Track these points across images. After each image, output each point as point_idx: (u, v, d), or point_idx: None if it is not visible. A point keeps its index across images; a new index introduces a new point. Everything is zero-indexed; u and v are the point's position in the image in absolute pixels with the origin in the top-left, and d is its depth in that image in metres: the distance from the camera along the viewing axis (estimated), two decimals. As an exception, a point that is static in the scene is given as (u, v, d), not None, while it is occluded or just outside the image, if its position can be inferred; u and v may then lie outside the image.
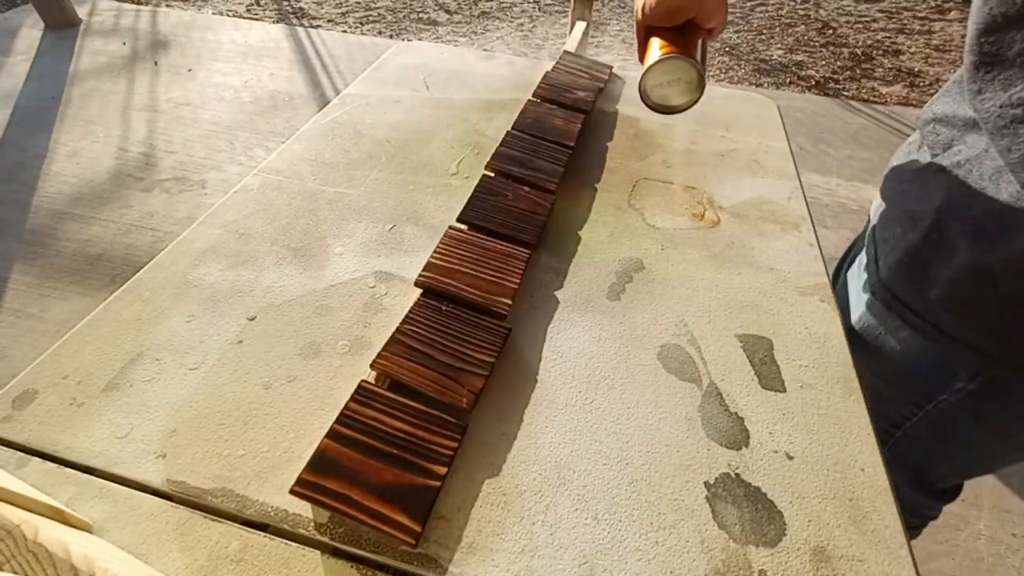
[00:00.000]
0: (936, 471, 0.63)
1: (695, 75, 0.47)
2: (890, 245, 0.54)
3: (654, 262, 0.56)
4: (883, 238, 0.56)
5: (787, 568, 0.35)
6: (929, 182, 0.50)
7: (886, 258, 0.55)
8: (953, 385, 0.52)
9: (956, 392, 0.52)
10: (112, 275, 1.56)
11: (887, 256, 0.55)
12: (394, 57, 0.93)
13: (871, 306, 0.57)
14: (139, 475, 0.37)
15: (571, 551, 0.35)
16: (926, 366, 0.53)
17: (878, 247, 0.57)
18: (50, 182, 1.86)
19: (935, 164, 0.50)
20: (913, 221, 0.51)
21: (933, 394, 0.54)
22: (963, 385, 0.51)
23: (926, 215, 0.49)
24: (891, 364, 0.56)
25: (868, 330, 0.58)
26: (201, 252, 0.54)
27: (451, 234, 0.54)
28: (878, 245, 0.57)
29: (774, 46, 3.26)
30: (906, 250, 0.52)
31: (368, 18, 3.34)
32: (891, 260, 0.54)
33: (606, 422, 0.42)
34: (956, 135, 0.48)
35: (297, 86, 2.48)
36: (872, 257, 0.58)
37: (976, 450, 0.58)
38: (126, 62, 2.58)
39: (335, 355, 0.46)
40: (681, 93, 0.49)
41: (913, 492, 0.65)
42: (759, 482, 0.39)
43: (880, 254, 0.56)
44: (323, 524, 0.35)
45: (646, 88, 0.49)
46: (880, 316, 0.56)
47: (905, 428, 0.59)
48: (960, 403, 0.52)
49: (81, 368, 0.44)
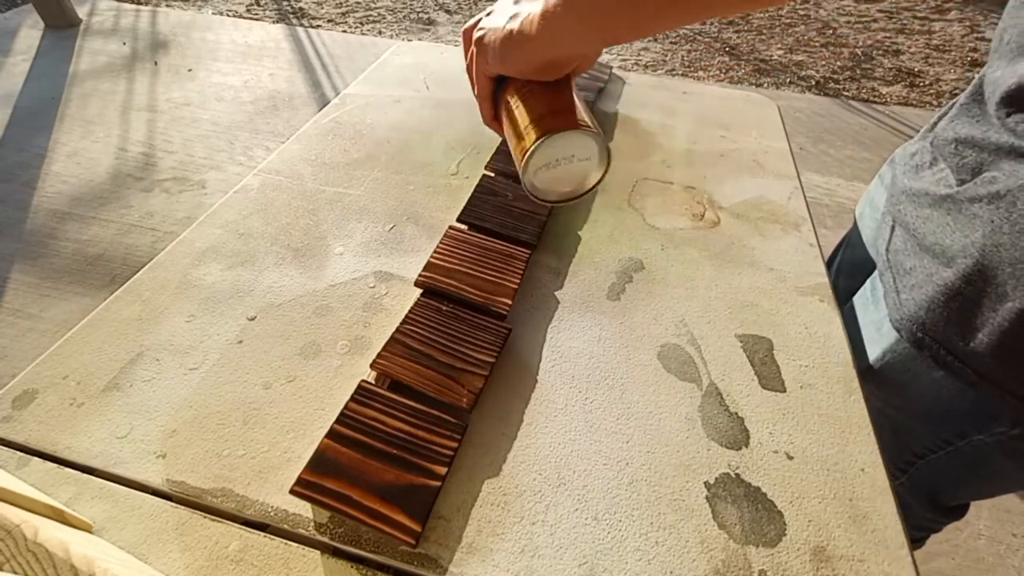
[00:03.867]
0: (954, 496, 0.61)
1: (595, 147, 0.35)
2: (916, 279, 0.49)
3: (654, 262, 0.56)
4: (904, 268, 0.51)
5: (787, 568, 0.35)
6: (962, 213, 0.45)
7: (912, 293, 0.49)
8: (993, 428, 0.48)
9: (996, 435, 0.48)
10: (112, 275, 1.56)
11: (914, 291, 0.49)
12: (394, 57, 0.93)
13: (897, 345, 0.51)
14: (139, 475, 0.37)
15: (571, 551, 0.35)
16: (962, 408, 0.50)
17: (897, 277, 0.52)
18: (50, 182, 1.87)
19: (966, 193, 0.45)
20: (946, 257, 0.46)
21: (967, 433, 0.51)
22: (1005, 430, 0.47)
23: (964, 253, 0.44)
24: (919, 403, 0.53)
25: (892, 368, 0.53)
26: (201, 252, 0.54)
27: (451, 234, 0.54)
28: (896, 275, 0.52)
29: (774, 46, 3.26)
30: (942, 290, 0.46)
31: (368, 18, 3.34)
32: (920, 297, 0.48)
33: (606, 422, 0.42)
34: (986, 159, 0.45)
35: (297, 86, 2.48)
36: (891, 287, 0.53)
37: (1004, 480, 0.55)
38: (126, 62, 2.58)
39: (335, 355, 0.46)
40: (577, 175, 0.36)
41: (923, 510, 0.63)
42: (759, 482, 0.39)
43: (901, 286, 0.51)
44: (323, 524, 0.35)
45: (532, 182, 0.36)
46: (908, 355, 0.51)
47: (929, 459, 0.56)
48: (998, 444, 0.49)
49: (81, 368, 0.44)
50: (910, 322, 0.49)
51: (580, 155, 0.35)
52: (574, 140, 0.34)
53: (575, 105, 0.35)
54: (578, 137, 0.34)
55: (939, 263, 0.47)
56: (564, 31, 0.32)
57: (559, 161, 0.35)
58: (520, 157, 0.35)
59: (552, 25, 0.32)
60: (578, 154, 0.35)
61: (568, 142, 0.34)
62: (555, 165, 0.35)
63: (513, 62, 0.36)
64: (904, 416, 0.54)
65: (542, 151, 0.33)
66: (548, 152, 0.34)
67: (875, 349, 0.54)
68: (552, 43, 0.33)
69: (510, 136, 0.37)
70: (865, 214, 0.70)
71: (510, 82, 0.38)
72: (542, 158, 0.34)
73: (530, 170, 0.34)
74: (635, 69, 2.94)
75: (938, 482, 0.59)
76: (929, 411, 0.52)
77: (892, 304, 0.52)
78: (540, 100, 0.35)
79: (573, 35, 0.33)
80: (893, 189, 0.57)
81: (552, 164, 0.35)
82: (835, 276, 0.74)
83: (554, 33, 0.33)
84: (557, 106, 0.34)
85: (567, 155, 0.34)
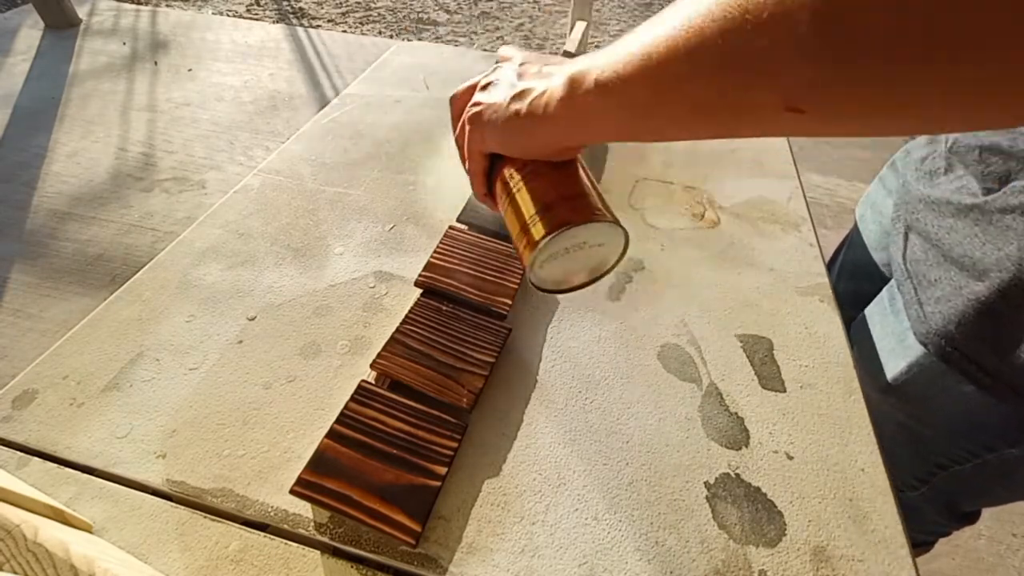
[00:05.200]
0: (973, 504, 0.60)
1: (611, 233, 0.30)
2: (942, 291, 0.47)
3: (654, 262, 0.56)
4: (927, 279, 0.49)
5: (787, 568, 0.35)
6: (992, 224, 0.44)
7: (938, 306, 0.48)
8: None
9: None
10: (112, 275, 1.56)
11: (940, 304, 0.48)
12: (394, 57, 0.93)
13: (924, 358, 0.50)
14: (139, 475, 0.37)
15: (571, 551, 0.35)
16: (993, 422, 0.48)
17: (919, 288, 0.50)
18: (50, 182, 1.86)
19: (996, 203, 0.43)
20: (977, 270, 0.44)
21: (997, 447, 0.49)
22: None
23: (999, 266, 0.42)
24: (945, 417, 0.51)
25: (917, 382, 0.51)
26: (201, 252, 0.54)
27: (451, 234, 0.54)
28: (919, 286, 0.50)
29: (774, 46, 3.26)
30: (974, 304, 0.44)
31: (368, 18, 3.34)
32: (949, 311, 0.47)
33: (606, 422, 0.42)
34: (1015, 167, 0.43)
35: (297, 86, 2.48)
36: (912, 298, 0.51)
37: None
38: (126, 62, 2.58)
39: (335, 355, 0.46)
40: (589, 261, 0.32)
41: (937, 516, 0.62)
42: (759, 482, 0.39)
43: (925, 298, 0.49)
44: (323, 524, 0.35)
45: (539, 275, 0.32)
46: (935, 369, 0.49)
47: (952, 470, 0.54)
48: None
49: (81, 368, 0.44)
50: (938, 336, 0.47)
51: (592, 242, 0.30)
52: (589, 231, 0.29)
53: (588, 190, 0.31)
54: (594, 228, 0.29)
55: (968, 276, 0.45)
56: (593, 119, 0.27)
57: (568, 250, 0.30)
58: (525, 249, 0.30)
59: (579, 112, 0.27)
60: (590, 241, 0.30)
61: (581, 233, 0.29)
62: (564, 254, 0.31)
63: (518, 145, 0.32)
64: (928, 429, 0.53)
65: (551, 245, 0.29)
66: (558, 244, 0.29)
67: (898, 362, 0.53)
68: (575, 130, 0.29)
69: (510, 221, 0.32)
70: (867, 217, 0.69)
71: (508, 158, 0.33)
72: (550, 251, 0.30)
73: (536, 264, 0.30)
74: (635, 69, 2.94)
75: (959, 491, 0.57)
76: (957, 425, 0.51)
77: (915, 316, 0.50)
78: (546, 184, 0.31)
79: (604, 124, 0.27)
80: (905, 195, 0.56)
81: (561, 253, 0.30)
82: (836, 278, 0.73)
83: (580, 120, 0.28)
84: (567, 191, 0.30)
85: (578, 243, 0.30)
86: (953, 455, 0.53)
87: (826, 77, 0.18)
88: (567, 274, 0.33)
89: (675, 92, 0.23)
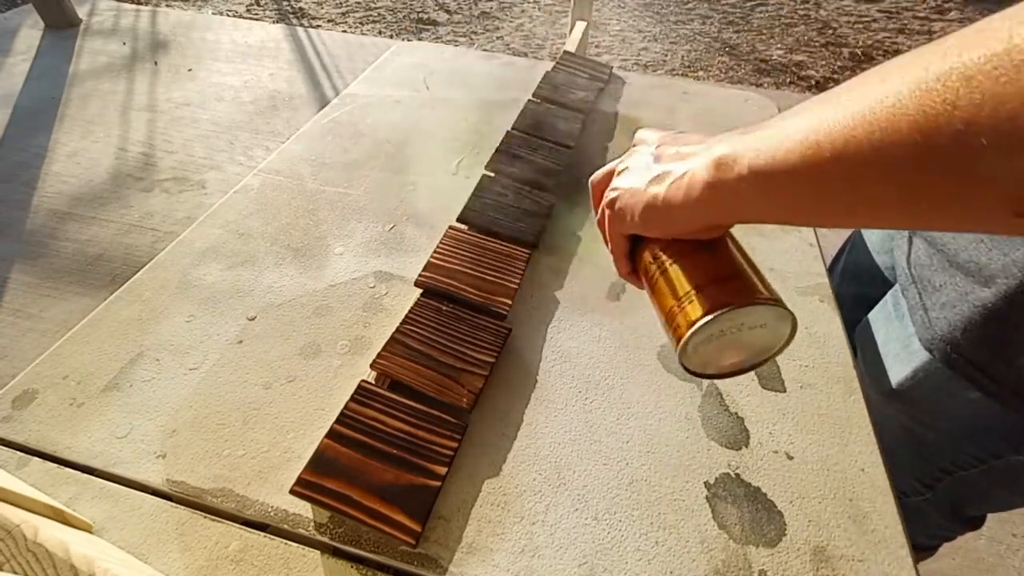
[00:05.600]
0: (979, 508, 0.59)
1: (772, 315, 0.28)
2: (947, 297, 0.47)
3: (654, 262, 0.56)
4: (932, 284, 0.49)
5: (787, 568, 0.35)
6: None
7: (943, 311, 0.47)
8: None
9: None
10: (112, 275, 1.56)
11: (945, 309, 0.47)
12: (394, 57, 0.93)
13: (929, 364, 0.49)
14: (139, 475, 0.37)
15: (571, 551, 0.35)
16: (1000, 429, 0.48)
17: (924, 294, 0.50)
18: (50, 182, 1.86)
19: None
20: (983, 276, 0.44)
21: (1003, 453, 0.49)
22: None
23: (1006, 272, 0.42)
24: (951, 422, 0.51)
25: (922, 387, 0.51)
26: (201, 252, 0.54)
27: (451, 234, 0.54)
28: (923, 291, 0.50)
29: (774, 46, 3.26)
30: (980, 310, 0.44)
31: (368, 18, 3.34)
32: (955, 317, 0.46)
33: (606, 422, 0.42)
34: None
35: (297, 86, 2.48)
36: (917, 304, 0.50)
37: None
38: (126, 62, 2.58)
39: (335, 355, 0.46)
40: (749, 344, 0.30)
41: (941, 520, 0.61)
42: (759, 482, 0.39)
43: (930, 303, 0.49)
44: (323, 524, 0.35)
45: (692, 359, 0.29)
46: (940, 375, 0.48)
47: (958, 476, 0.54)
48: None
49: (81, 368, 0.44)
50: (943, 342, 0.47)
51: (750, 323, 0.28)
52: (747, 314, 0.27)
53: (743, 268, 0.29)
54: (753, 311, 0.27)
55: (974, 282, 0.44)
56: (745, 206, 0.25)
57: (724, 332, 0.28)
58: (676, 331, 0.28)
59: (727, 198, 0.25)
60: (748, 322, 0.28)
61: (739, 316, 0.27)
62: (719, 336, 0.28)
63: (659, 228, 0.30)
64: (934, 434, 0.53)
65: (706, 329, 0.27)
66: (714, 327, 0.27)
67: (903, 367, 0.52)
68: (721, 215, 0.27)
69: (658, 301, 0.30)
70: None
71: (651, 238, 0.32)
72: (705, 334, 0.27)
73: (690, 347, 0.28)
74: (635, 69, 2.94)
75: (965, 496, 0.57)
76: (963, 431, 0.51)
77: (920, 322, 0.50)
78: (693, 263, 0.29)
79: (759, 212, 0.25)
80: None
81: (716, 336, 0.28)
82: (839, 281, 0.73)
83: (728, 207, 0.26)
84: (721, 272, 0.28)
85: (736, 325, 0.28)
86: (959, 461, 0.53)
87: None
88: (723, 357, 0.30)
89: (855, 192, 0.20)
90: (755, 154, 0.23)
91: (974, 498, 0.57)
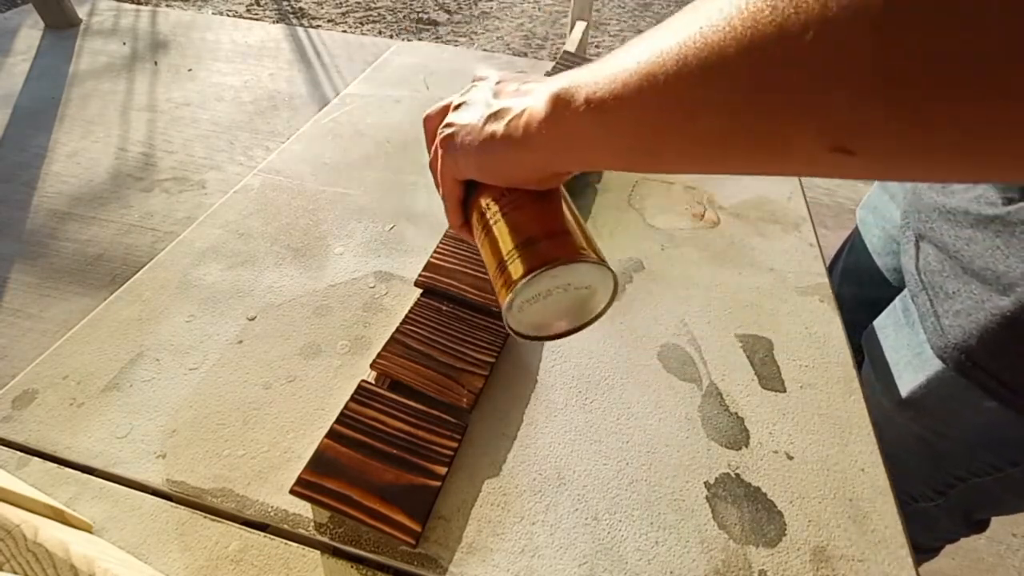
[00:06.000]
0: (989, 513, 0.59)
1: (598, 276, 0.27)
2: (962, 304, 0.46)
3: (654, 262, 0.56)
4: (945, 291, 0.48)
5: (787, 568, 0.35)
6: (1015, 236, 0.42)
7: (957, 319, 0.46)
8: None
9: None
10: (112, 275, 1.56)
11: (959, 317, 0.46)
12: (394, 57, 0.93)
13: (942, 373, 0.48)
14: (139, 475, 0.37)
15: (571, 551, 0.35)
16: (1016, 437, 0.47)
17: (935, 301, 0.49)
18: (50, 182, 1.86)
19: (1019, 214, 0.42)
20: (1000, 284, 0.43)
21: (1021, 461, 0.48)
22: None
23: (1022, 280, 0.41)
24: (966, 431, 0.50)
25: (936, 396, 0.50)
26: (201, 252, 0.54)
27: (451, 234, 0.54)
28: (935, 298, 0.49)
29: (774, 46, 3.26)
30: (997, 319, 0.43)
31: (368, 18, 3.34)
32: (969, 325, 0.45)
33: (606, 422, 0.42)
34: None
35: (297, 86, 2.48)
36: (928, 310, 0.49)
37: None
38: (126, 62, 2.58)
39: (335, 355, 0.46)
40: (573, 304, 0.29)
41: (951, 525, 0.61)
42: (759, 482, 0.39)
43: (942, 311, 0.48)
44: (323, 524, 0.35)
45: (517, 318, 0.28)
46: (954, 384, 0.48)
47: (972, 483, 0.53)
48: None
49: (81, 368, 0.44)
50: (957, 351, 0.46)
51: (578, 284, 0.27)
52: (574, 272, 0.26)
53: (571, 225, 0.28)
54: (580, 269, 0.26)
55: (991, 290, 0.43)
56: (582, 144, 0.24)
57: (551, 292, 0.27)
58: (501, 289, 0.27)
59: (565, 136, 0.24)
60: (575, 283, 0.27)
61: (565, 274, 0.26)
62: (545, 297, 0.27)
63: (495, 172, 0.28)
64: (948, 443, 0.52)
65: (531, 286, 0.26)
66: (539, 285, 0.26)
67: (915, 376, 0.51)
68: (560, 156, 0.25)
69: (486, 256, 0.29)
70: (869, 221, 0.68)
71: (486, 186, 0.30)
72: (530, 293, 0.26)
73: (514, 307, 0.27)
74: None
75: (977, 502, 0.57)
76: (979, 439, 0.50)
77: (932, 329, 0.49)
78: (526, 216, 0.28)
79: (596, 151, 0.24)
80: (916, 202, 0.54)
81: (542, 296, 0.27)
82: (839, 282, 0.73)
83: (566, 145, 0.24)
84: (550, 226, 0.27)
85: (562, 285, 0.27)
86: (974, 468, 0.52)
87: (886, 115, 0.14)
88: (548, 319, 0.29)
89: (686, 121, 0.19)
90: (593, 87, 0.22)
91: (986, 504, 0.56)
